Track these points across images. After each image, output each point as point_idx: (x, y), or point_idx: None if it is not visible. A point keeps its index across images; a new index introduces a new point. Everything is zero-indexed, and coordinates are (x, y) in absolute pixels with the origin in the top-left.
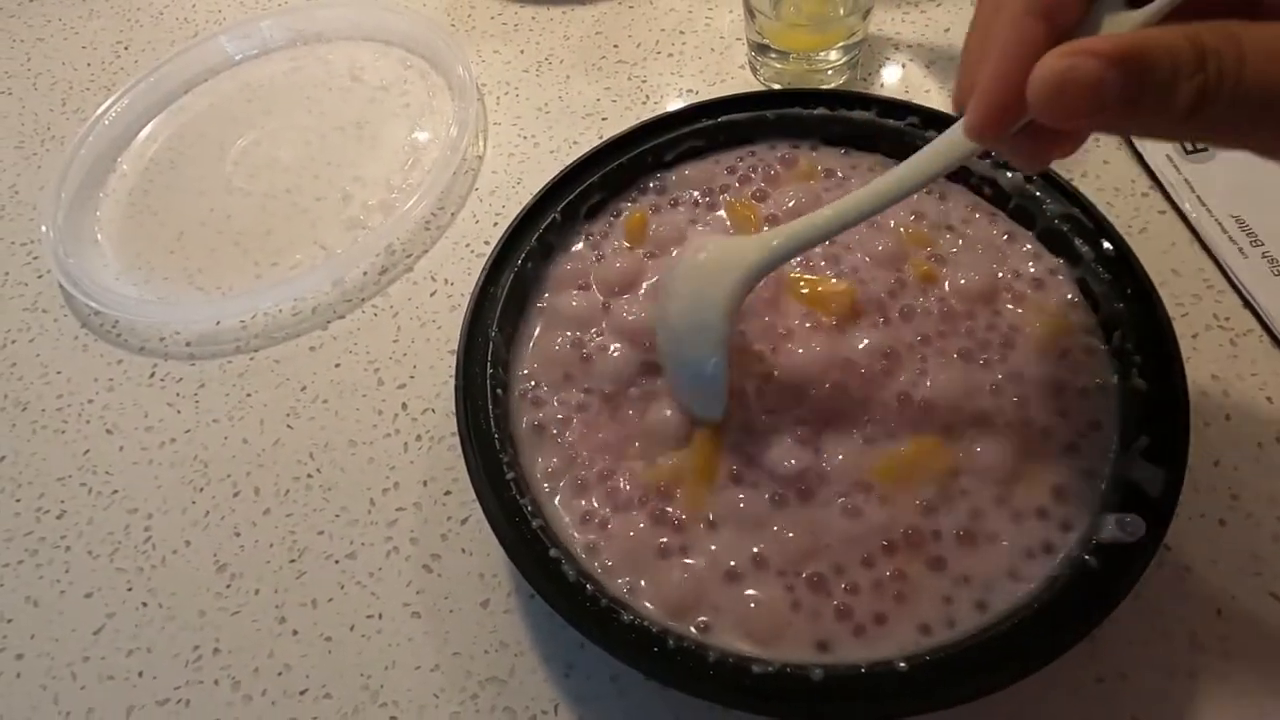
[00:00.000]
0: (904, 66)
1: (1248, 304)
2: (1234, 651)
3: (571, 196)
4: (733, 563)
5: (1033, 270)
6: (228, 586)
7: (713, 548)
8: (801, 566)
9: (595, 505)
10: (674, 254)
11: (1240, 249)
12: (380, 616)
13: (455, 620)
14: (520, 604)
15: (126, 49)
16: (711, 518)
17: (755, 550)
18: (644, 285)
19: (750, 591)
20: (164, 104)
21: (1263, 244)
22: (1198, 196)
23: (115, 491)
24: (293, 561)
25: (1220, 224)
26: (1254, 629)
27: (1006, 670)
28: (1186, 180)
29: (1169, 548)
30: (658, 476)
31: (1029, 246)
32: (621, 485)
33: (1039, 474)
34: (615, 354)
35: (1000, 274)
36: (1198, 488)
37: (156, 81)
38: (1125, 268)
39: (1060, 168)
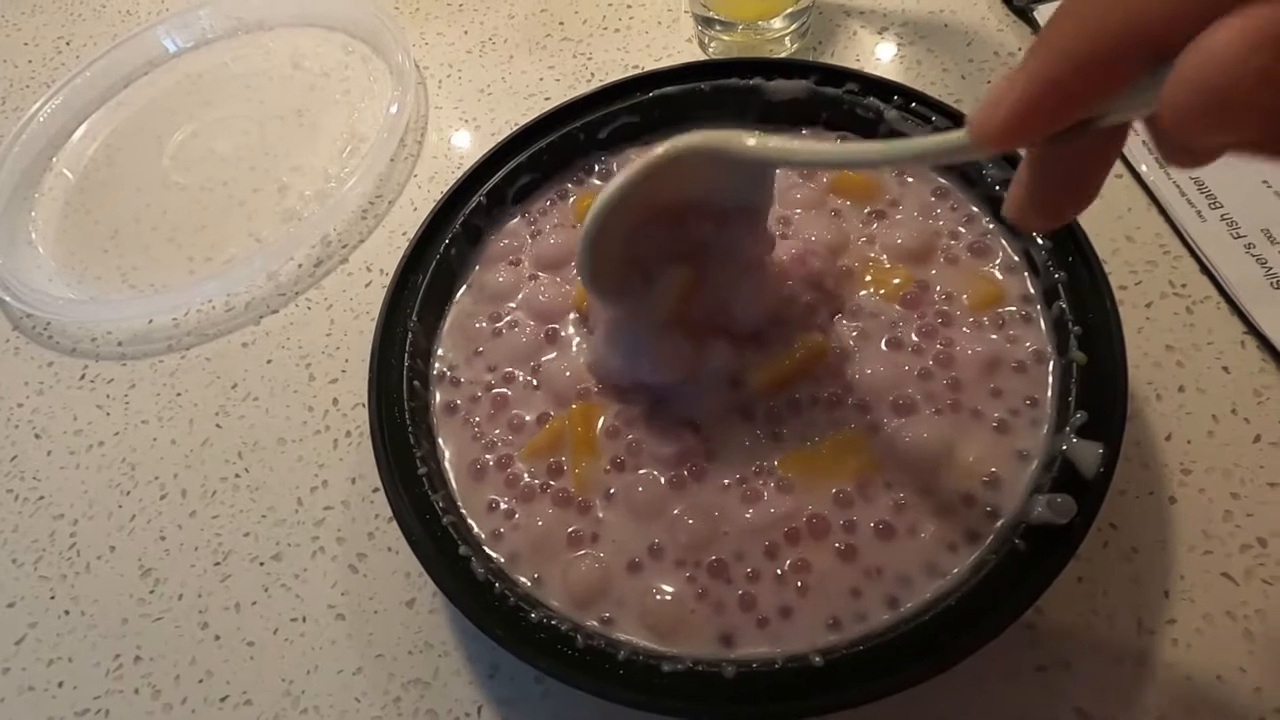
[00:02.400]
0: (855, 34)
1: (1205, 269)
2: (1182, 635)
3: (497, 179)
4: (633, 550)
5: (968, 234)
6: (151, 592)
7: (614, 539)
8: (700, 555)
9: (500, 492)
10: None
11: (1199, 212)
12: (304, 619)
13: (379, 621)
14: (445, 603)
15: (68, 44)
16: (611, 492)
17: (655, 540)
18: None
19: (652, 581)
20: (101, 100)
21: (1222, 206)
22: (1155, 158)
23: (41, 498)
24: (217, 565)
25: (1178, 186)
26: (1203, 611)
27: (927, 663)
28: (1145, 142)
29: (1115, 527)
30: (536, 447)
31: (967, 211)
32: (520, 470)
33: (967, 459)
34: (519, 331)
35: (936, 235)
36: (1147, 464)
37: (92, 77)
38: (1066, 234)
39: None
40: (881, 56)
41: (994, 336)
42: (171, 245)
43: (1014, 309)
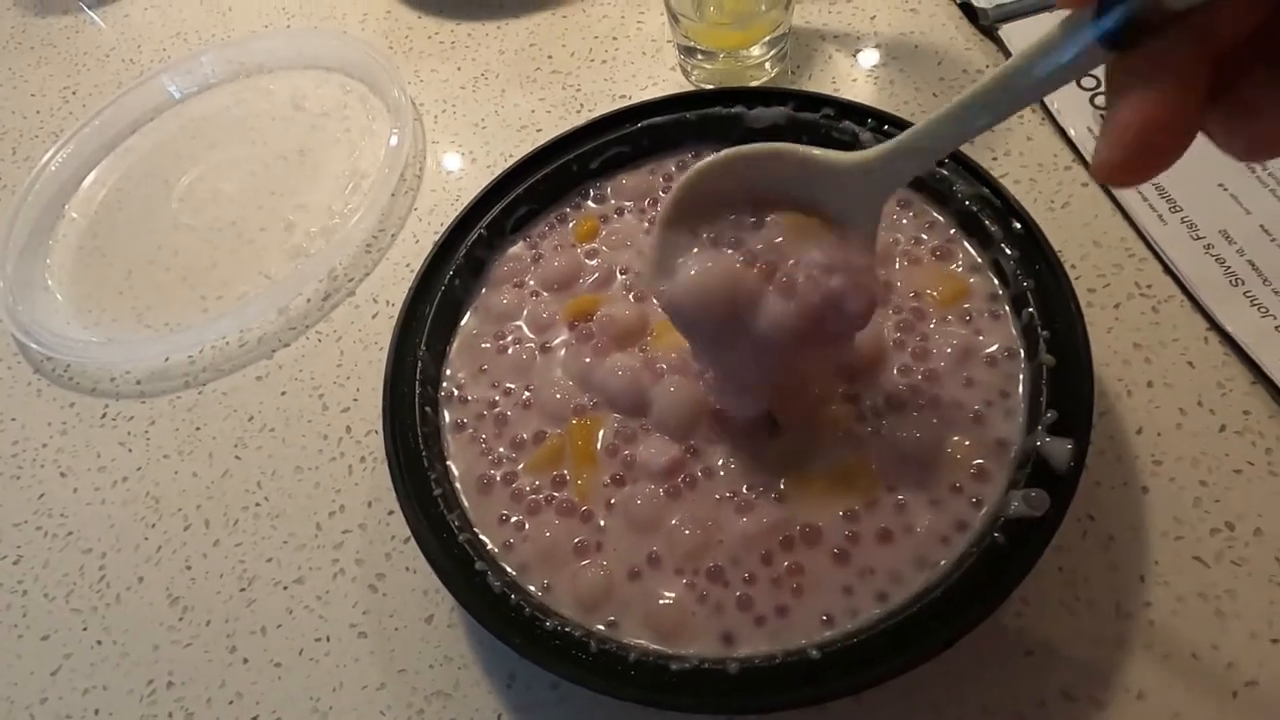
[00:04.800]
0: (830, 57)
1: (1168, 270)
2: (1158, 616)
3: (496, 212)
4: (634, 559)
5: (931, 239)
6: (180, 619)
7: (615, 547)
8: (698, 562)
9: (507, 506)
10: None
11: (1160, 216)
12: (328, 639)
13: (401, 638)
14: (463, 617)
15: (74, 94)
16: (612, 502)
17: (654, 549)
18: (581, 281)
19: (654, 587)
20: (110, 147)
21: (1181, 209)
22: None
23: (70, 533)
24: (242, 590)
25: (1140, 192)
26: (1176, 593)
27: (914, 653)
28: None
29: (1093, 518)
30: (538, 462)
31: (929, 218)
32: (524, 484)
33: (955, 453)
34: (521, 348)
35: (893, 243)
36: (1121, 457)
37: (101, 125)
38: (1032, 244)
39: (984, 147)
40: (856, 78)
41: (964, 331)
42: (184, 285)
43: (982, 306)
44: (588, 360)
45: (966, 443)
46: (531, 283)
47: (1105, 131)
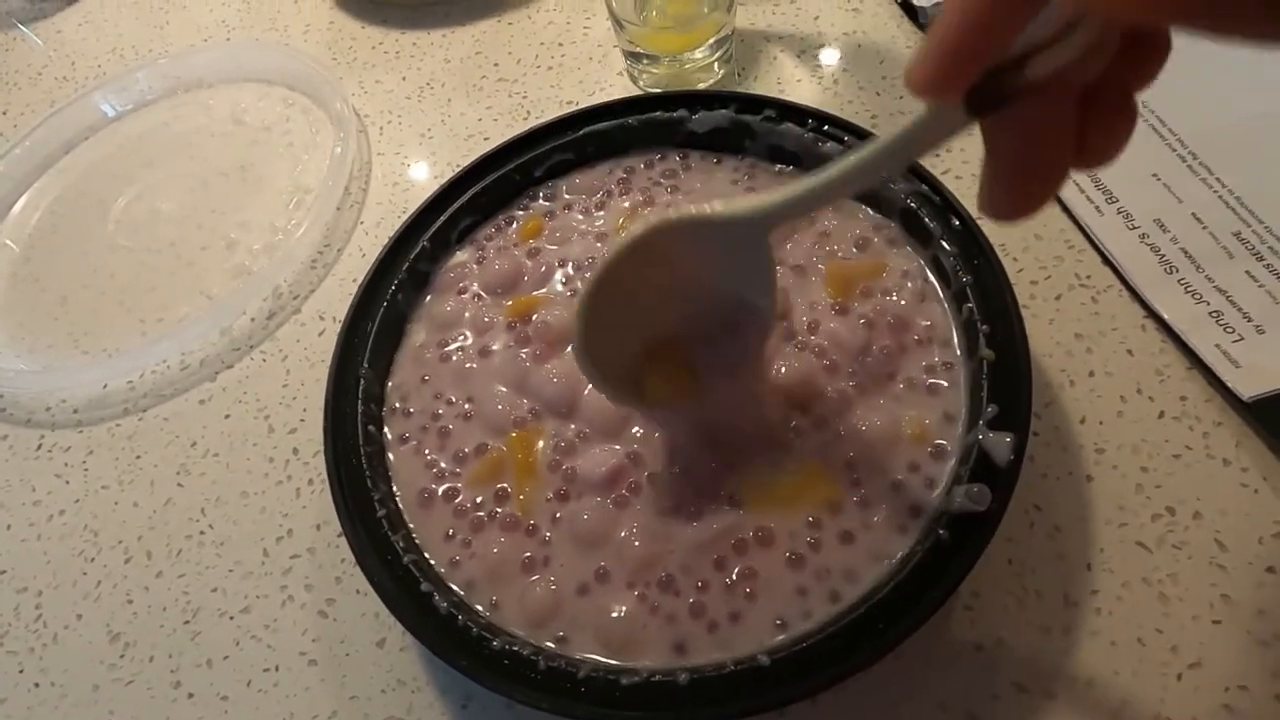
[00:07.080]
0: (776, 59)
1: (1106, 260)
2: (1104, 604)
3: (439, 224)
4: (582, 575)
5: (874, 235)
6: (121, 656)
7: (562, 563)
8: (649, 575)
9: (449, 522)
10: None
11: (1097, 207)
12: (277, 669)
13: (352, 663)
14: (415, 640)
15: (4, 114)
16: (557, 516)
17: (601, 564)
18: (524, 278)
19: (603, 602)
20: (42, 169)
21: (1117, 200)
22: None
23: (3, 572)
24: (187, 623)
25: (1078, 185)
26: (1122, 579)
27: (861, 656)
28: None
29: (1040, 509)
30: (479, 476)
31: (872, 219)
32: (466, 499)
33: (908, 426)
34: (463, 355)
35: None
36: (1065, 447)
37: (32, 146)
38: (970, 240)
39: None
40: (801, 78)
41: (904, 302)
42: (122, 308)
43: (922, 299)
44: (526, 365)
45: (921, 422)
46: (475, 287)
47: (992, 183)
